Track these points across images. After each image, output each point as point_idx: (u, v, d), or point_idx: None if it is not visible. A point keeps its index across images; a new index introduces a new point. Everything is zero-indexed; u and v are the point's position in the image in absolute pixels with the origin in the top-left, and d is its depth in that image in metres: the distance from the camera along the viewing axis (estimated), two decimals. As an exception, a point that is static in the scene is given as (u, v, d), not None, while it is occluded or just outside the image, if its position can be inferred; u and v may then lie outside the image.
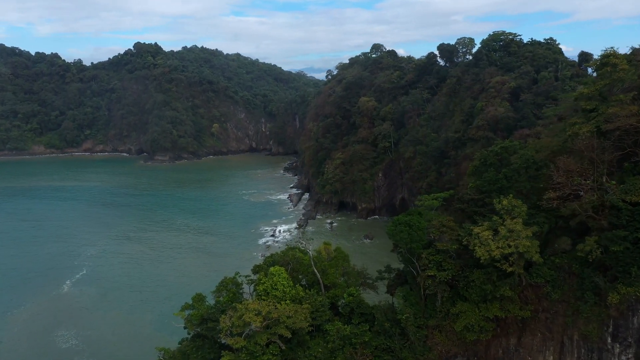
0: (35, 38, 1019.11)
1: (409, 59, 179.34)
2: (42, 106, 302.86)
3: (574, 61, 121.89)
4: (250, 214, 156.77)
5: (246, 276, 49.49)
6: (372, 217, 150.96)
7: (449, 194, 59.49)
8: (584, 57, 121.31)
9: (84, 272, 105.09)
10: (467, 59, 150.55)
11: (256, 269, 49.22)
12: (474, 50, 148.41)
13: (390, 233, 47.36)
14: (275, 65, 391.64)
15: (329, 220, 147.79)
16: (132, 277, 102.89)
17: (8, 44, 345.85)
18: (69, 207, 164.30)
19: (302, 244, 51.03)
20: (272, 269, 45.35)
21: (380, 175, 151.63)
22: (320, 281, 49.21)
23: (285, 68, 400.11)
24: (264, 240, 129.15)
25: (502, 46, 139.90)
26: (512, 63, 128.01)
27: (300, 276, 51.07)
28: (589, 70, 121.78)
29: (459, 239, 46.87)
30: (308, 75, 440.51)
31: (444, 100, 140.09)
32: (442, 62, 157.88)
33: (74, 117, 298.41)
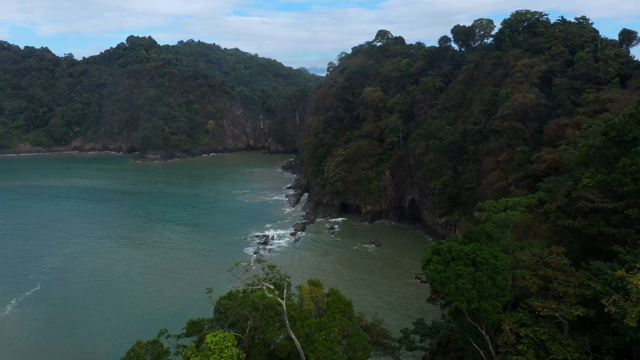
0: (39, 38, 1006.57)
1: (419, 45, 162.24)
2: (30, 102, 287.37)
3: (615, 40, 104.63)
4: (243, 217, 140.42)
5: (177, 336, 32.00)
6: (378, 220, 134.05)
7: (536, 199, 36.66)
8: (627, 35, 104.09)
9: (37, 287, 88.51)
10: (486, 42, 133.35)
11: (190, 328, 30.91)
12: (494, 33, 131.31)
13: (434, 277, 26.39)
14: (275, 61, 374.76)
15: (328, 225, 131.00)
16: (93, 294, 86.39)
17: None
18: (41, 209, 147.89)
19: (262, 285, 29.80)
20: (209, 337, 24.85)
21: (387, 173, 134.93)
22: (302, 355, 29.29)
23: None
24: (253, 249, 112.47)
25: (526, 27, 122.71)
26: (541, 44, 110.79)
27: (267, 341, 30.23)
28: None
29: (585, 295, 26.12)
30: (310, 72, 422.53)
31: (460, 89, 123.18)
32: (456, 47, 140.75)
33: (63, 114, 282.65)
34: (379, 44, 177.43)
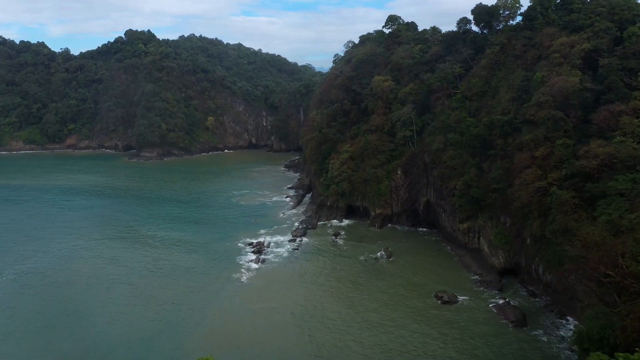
0: (47, 39, 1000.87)
1: (434, 30, 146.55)
2: (24, 98, 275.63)
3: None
4: (238, 221, 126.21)
5: None
6: (389, 225, 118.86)
7: None
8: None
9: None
10: (511, 24, 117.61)
11: None
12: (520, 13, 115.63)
13: None
14: (279, 56, 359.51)
15: (332, 230, 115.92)
16: (47, 313, 72.43)
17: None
18: (19, 208, 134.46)
19: None
20: None
21: (399, 172, 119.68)
22: None
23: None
24: (247, 258, 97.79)
25: (559, 4, 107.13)
26: (581, 21, 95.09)
27: None
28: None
29: None
30: (316, 69, 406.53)
31: (483, 75, 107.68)
32: (477, 30, 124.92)
33: (57, 110, 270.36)
34: (388, 30, 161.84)
